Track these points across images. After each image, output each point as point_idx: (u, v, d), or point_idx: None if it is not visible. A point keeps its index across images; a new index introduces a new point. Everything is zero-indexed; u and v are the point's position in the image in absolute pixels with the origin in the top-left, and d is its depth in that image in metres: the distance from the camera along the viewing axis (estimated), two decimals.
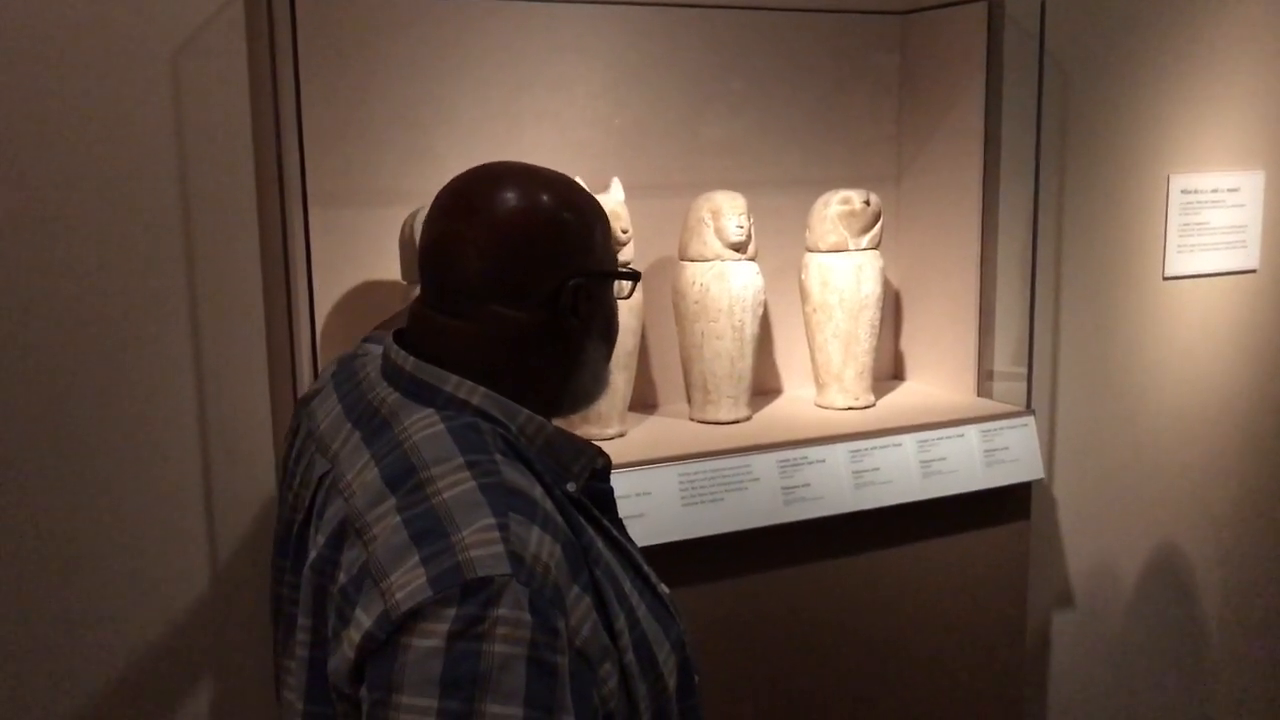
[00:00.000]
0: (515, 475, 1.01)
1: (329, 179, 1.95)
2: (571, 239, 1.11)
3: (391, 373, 1.11)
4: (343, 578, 0.98)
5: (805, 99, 2.40)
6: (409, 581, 0.91)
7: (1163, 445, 2.66)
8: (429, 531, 0.94)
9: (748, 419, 2.19)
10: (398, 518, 0.96)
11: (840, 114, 2.44)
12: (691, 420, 2.19)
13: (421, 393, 1.08)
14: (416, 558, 0.92)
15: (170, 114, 1.61)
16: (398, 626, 0.89)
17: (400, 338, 1.15)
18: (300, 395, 1.32)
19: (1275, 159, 2.71)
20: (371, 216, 2.00)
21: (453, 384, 1.07)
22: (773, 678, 2.01)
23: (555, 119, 2.15)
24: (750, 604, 1.97)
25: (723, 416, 2.16)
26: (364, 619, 0.92)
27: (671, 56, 2.25)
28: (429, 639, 0.88)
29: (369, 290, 2.03)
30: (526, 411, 1.08)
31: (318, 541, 1.05)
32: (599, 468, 1.13)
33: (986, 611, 2.22)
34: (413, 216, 1.86)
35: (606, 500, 1.16)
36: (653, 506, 1.83)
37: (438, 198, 1.15)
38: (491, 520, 0.94)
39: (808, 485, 1.97)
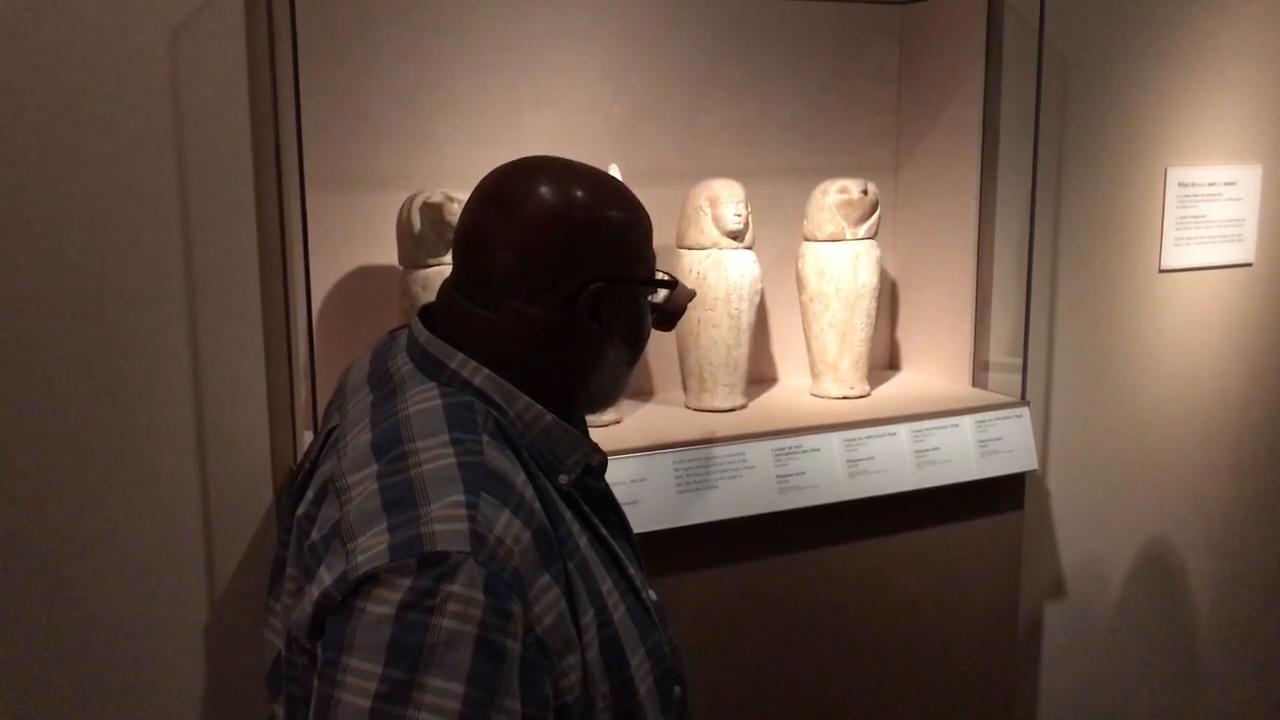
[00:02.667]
0: (498, 457, 1.02)
1: (327, 163, 1.95)
2: (599, 241, 1.10)
3: (410, 345, 1.14)
4: (315, 534, 1.01)
5: (804, 88, 2.39)
6: (372, 546, 0.93)
7: (1156, 437, 2.67)
8: (400, 501, 0.96)
9: (743, 407, 2.19)
10: (375, 484, 0.98)
11: (839, 103, 2.44)
12: (687, 408, 2.19)
13: (429, 366, 1.10)
14: (384, 524, 0.94)
15: (168, 96, 1.60)
16: (353, 589, 0.91)
17: (426, 311, 1.17)
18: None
19: (1272, 153, 2.71)
20: (369, 201, 2.00)
21: (458, 361, 1.09)
22: (765, 665, 2.02)
23: (554, 105, 2.15)
24: (744, 591, 1.98)
25: (718, 405, 2.16)
26: (325, 577, 0.94)
27: (671, 44, 2.24)
28: (381, 606, 0.90)
29: (366, 275, 2.03)
30: (526, 399, 1.09)
31: (307, 496, 1.08)
32: (593, 465, 1.14)
33: (979, 601, 2.22)
34: (410, 201, 1.86)
35: (599, 498, 1.16)
36: (648, 493, 1.84)
37: (479, 185, 1.16)
38: (462, 498, 0.95)
39: (802, 474, 1.97)
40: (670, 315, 1.22)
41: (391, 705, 0.87)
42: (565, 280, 1.09)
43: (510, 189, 1.11)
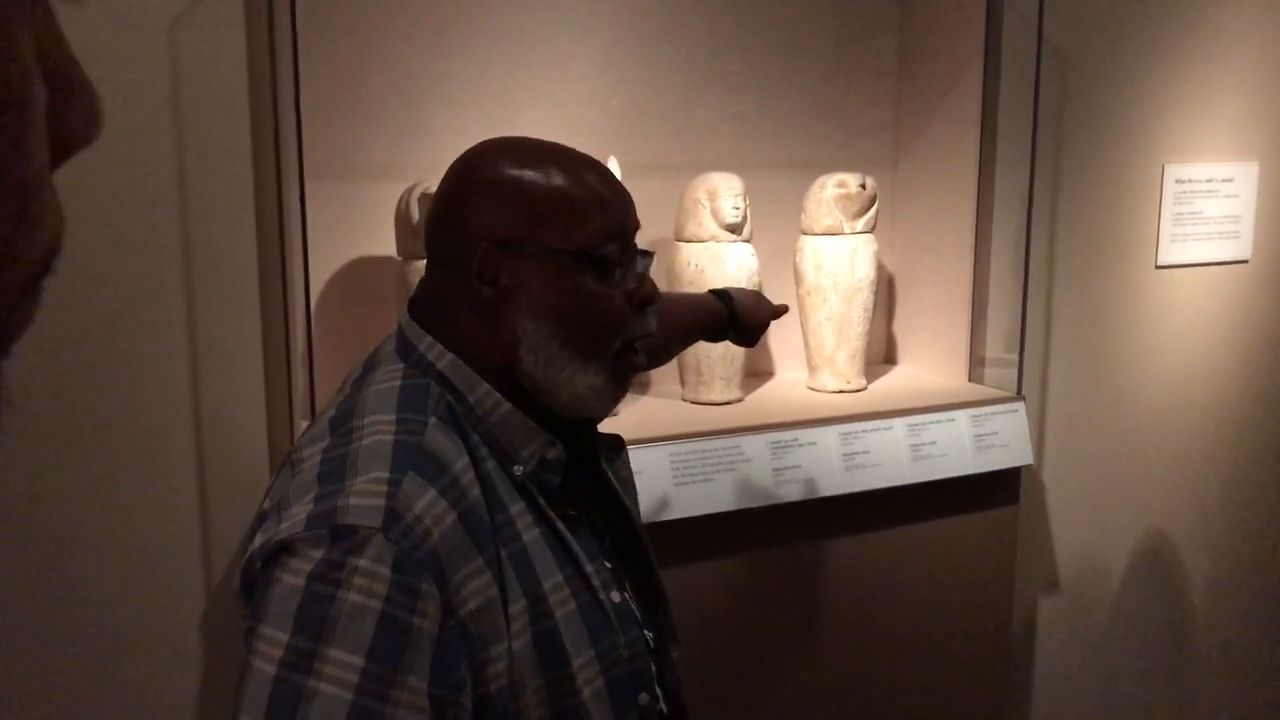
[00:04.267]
0: (440, 439, 1.02)
1: (326, 153, 1.94)
2: (500, 201, 1.06)
3: (398, 326, 1.16)
4: (266, 504, 1.04)
5: (803, 81, 2.39)
6: (296, 515, 0.95)
7: (1152, 433, 2.67)
8: (331, 474, 0.98)
9: (740, 400, 2.19)
10: (320, 456, 1.01)
11: (838, 97, 2.44)
12: (684, 401, 2.20)
13: (403, 348, 1.12)
14: (313, 495, 0.96)
15: (167, 86, 1.60)
16: (270, 556, 0.93)
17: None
18: None
19: (1269, 150, 2.72)
20: (368, 192, 2.00)
21: (425, 344, 1.10)
22: (760, 658, 2.03)
23: (552, 97, 2.15)
24: (739, 584, 1.98)
25: (715, 397, 2.16)
26: (256, 541, 0.97)
27: (670, 37, 2.24)
28: (293, 575, 0.91)
29: (365, 265, 2.03)
30: (487, 386, 1.08)
31: (284, 470, 1.10)
32: (549, 459, 1.10)
33: (974, 595, 2.23)
34: (409, 192, 1.86)
35: (553, 492, 1.11)
36: (644, 485, 1.84)
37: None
38: (385, 474, 0.96)
39: (798, 467, 1.97)
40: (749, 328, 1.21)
41: (294, 673, 0.88)
42: (457, 239, 1.08)
43: (457, 160, 1.14)
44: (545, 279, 1.07)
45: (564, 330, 1.08)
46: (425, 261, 1.16)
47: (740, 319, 1.64)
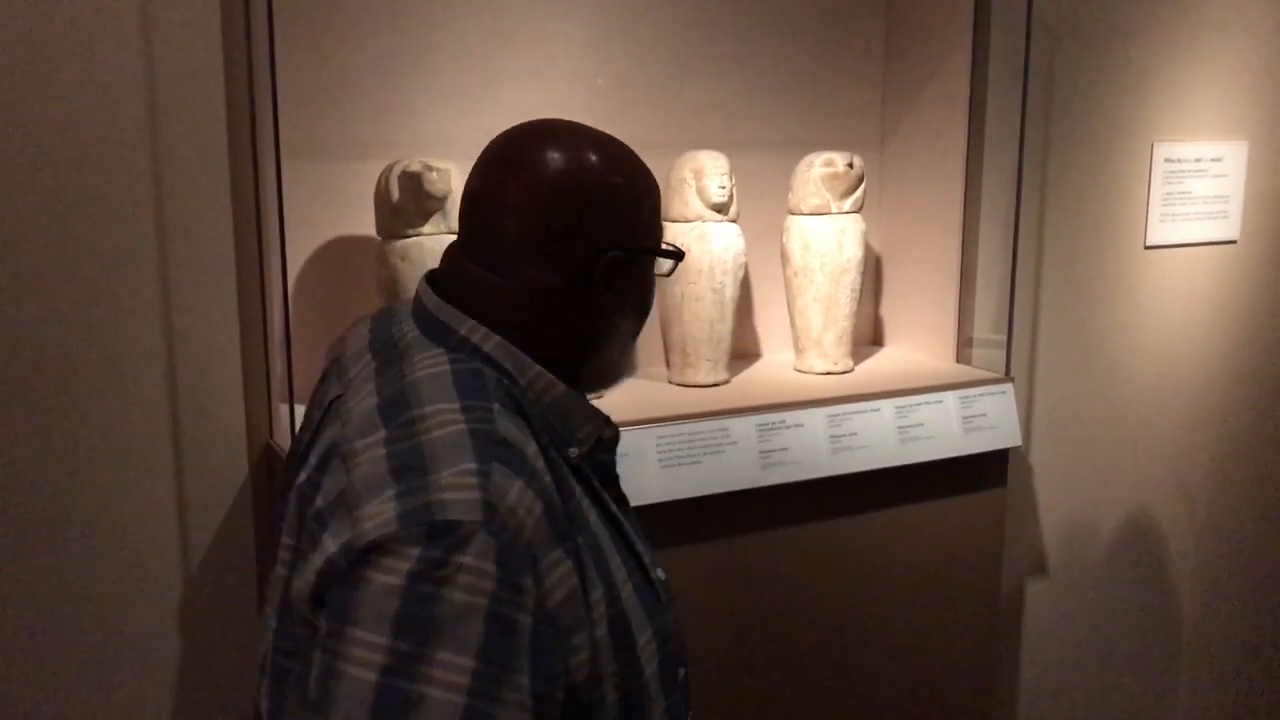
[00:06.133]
0: (509, 427, 0.99)
1: (303, 130, 1.91)
2: (615, 209, 1.09)
3: (418, 309, 1.11)
4: (320, 501, 0.97)
5: (790, 60, 2.37)
6: (379, 513, 0.90)
7: (1140, 414, 2.67)
8: (409, 468, 0.93)
9: (726, 382, 2.18)
10: (383, 449, 0.95)
11: (825, 76, 2.42)
12: (670, 383, 2.18)
13: (437, 332, 1.07)
14: (392, 491, 0.91)
15: (140, 62, 1.57)
16: (359, 557, 0.89)
17: (432, 277, 1.15)
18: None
19: (1258, 129, 2.71)
20: (347, 170, 1.96)
21: (468, 327, 1.06)
22: (748, 641, 2.01)
23: (536, 74, 2.11)
24: (726, 567, 1.97)
25: (701, 380, 2.14)
26: (330, 544, 0.91)
27: (655, 15, 2.21)
28: (389, 575, 0.87)
29: (343, 245, 2.00)
30: (539, 368, 1.07)
31: (310, 463, 1.04)
32: (605, 438, 1.12)
33: (962, 577, 2.22)
34: (388, 170, 1.83)
35: (609, 472, 1.14)
36: (630, 469, 1.81)
37: (488, 147, 1.13)
38: (473, 466, 0.92)
39: (785, 449, 1.96)
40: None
41: (398, 679, 0.85)
42: (580, 247, 1.07)
43: (524, 152, 1.09)
44: (644, 279, 1.15)
45: (640, 321, 1.18)
46: (456, 242, 1.13)
47: None
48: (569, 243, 1.07)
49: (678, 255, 1.17)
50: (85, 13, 1.53)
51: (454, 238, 1.17)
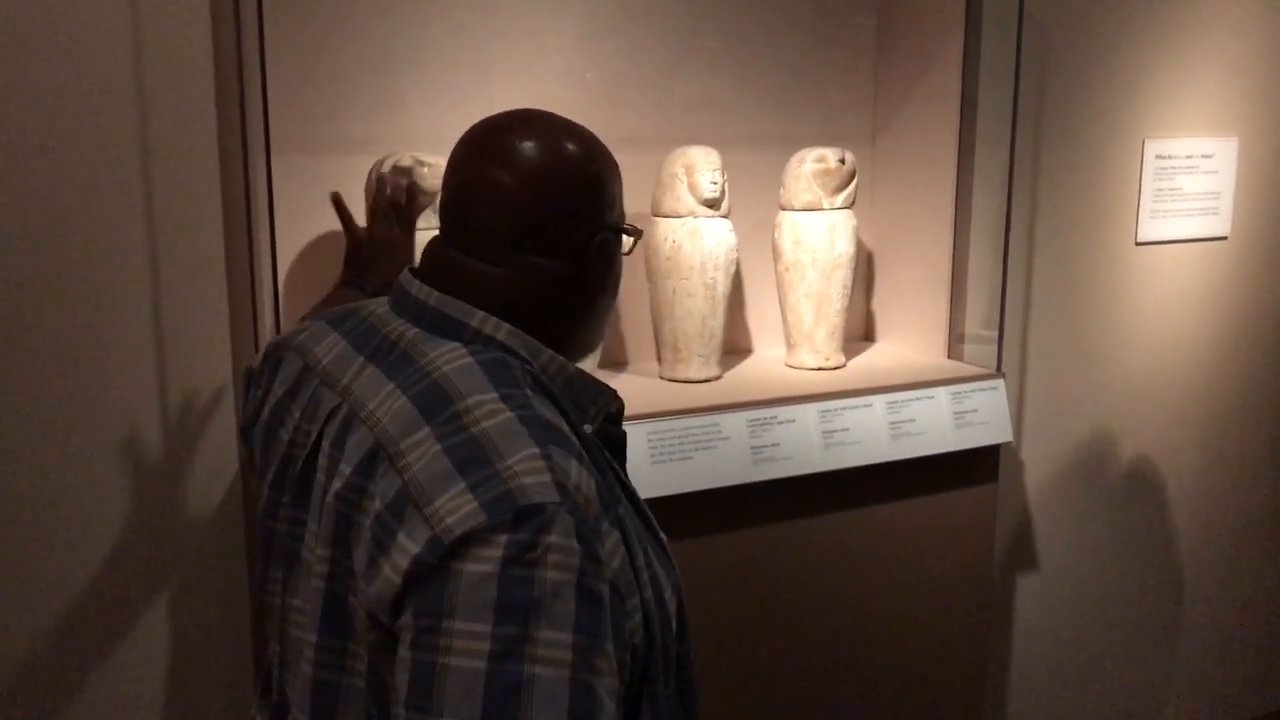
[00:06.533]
0: (547, 410, 1.02)
1: (293, 125, 1.90)
2: (598, 193, 1.13)
3: (412, 308, 1.11)
4: (378, 505, 0.97)
5: (782, 56, 2.36)
6: (458, 507, 0.91)
7: (1130, 410, 2.68)
8: (473, 459, 0.94)
9: (718, 378, 2.18)
10: (437, 445, 0.96)
11: (817, 72, 2.41)
12: (661, 378, 2.18)
13: (445, 327, 1.08)
14: (463, 484, 0.93)
15: (130, 55, 1.56)
16: (450, 552, 0.90)
17: (418, 273, 1.15)
18: (270, 342, 1.29)
19: (1249, 126, 2.71)
20: (337, 164, 1.96)
21: (478, 319, 1.08)
22: (738, 636, 2.01)
23: (526, 69, 2.11)
24: (718, 563, 1.97)
25: (693, 375, 2.14)
26: (410, 545, 0.92)
27: (647, 10, 2.21)
28: (482, 564, 0.89)
29: (332, 239, 2.00)
30: (549, 351, 1.09)
31: (343, 472, 1.03)
32: (613, 411, 1.15)
33: (953, 572, 2.23)
34: (378, 165, 1.82)
35: (618, 444, 1.18)
36: None
37: (468, 139, 1.15)
38: (535, 450, 0.95)
39: (777, 445, 1.96)
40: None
41: (507, 663, 0.86)
42: (577, 231, 1.12)
43: (508, 144, 1.11)
44: (617, 257, 1.19)
45: (615, 296, 1.22)
46: (441, 235, 1.14)
47: None
48: (562, 228, 1.11)
49: (638, 233, 1.22)
50: (75, 8, 1.52)
51: None
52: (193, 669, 1.73)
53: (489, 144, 1.12)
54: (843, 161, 2.17)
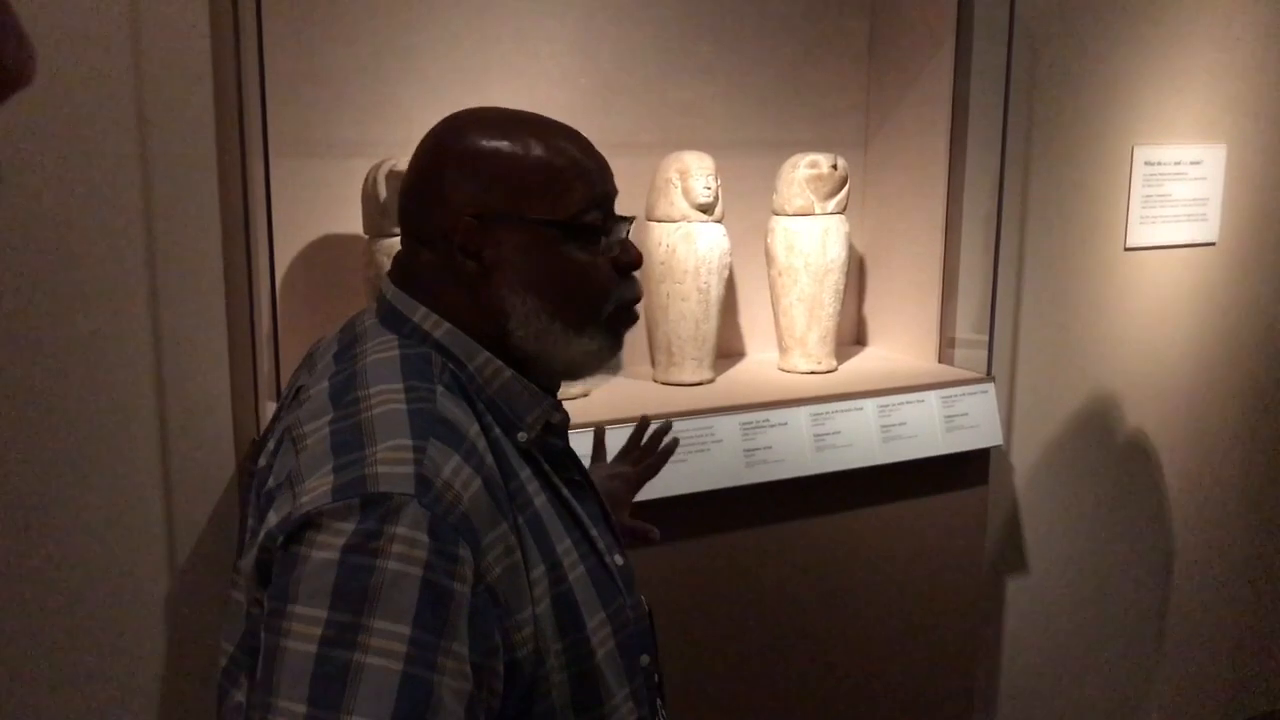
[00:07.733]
0: (451, 407, 1.01)
1: (291, 129, 1.91)
2: (477, 174, 1.06)
3: (379, 299, 1.13)
4: (271, 482, 0.99)
5: (775, 62, 2.38)
6: (316, 488, 0.91)
7: (1119, 414, 2.69)
8: (347, 444, 0.95)
9: (711, 381, 2.19)
10: (327, 429, 0.97)
11: (809, 78, 2.43)
12: (655, 381, 2.19)
13: (393, 319, 1.09)
14: (330, 466, 0.93)
15: (129, 59, 1.57)
16: (294, 532, 0.90)
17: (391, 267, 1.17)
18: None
19: (1237, 133, 2.73)
20: (334, 168, 1.97)
21: (420, 315, 1.07)
22: (731, 638, 2.03)
23: (522, 74, 2.12)
24: (710, 565, 1.98)
25: (686, 378, 2.16)
26: (272, 519, 0.93)
27: (641, 16, 2.22)
28: (324, 550, 0.88)
29: (330, 243, 2.01)
30: (486, 354, 1.07)
31: (268, 448, 1.06)
32: (554, 422, 1.12)
33: (944, 575, 2.24)
34: (376, 169, 1.83)
35: (559, 457, 1.13)
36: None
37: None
38: (408, 441, 0.94)
39: (769, 448, 1.97)
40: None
41: (337, 649, 0.85)
42: (436, 213, 1.06)
43: (430, 131, 1.12)
44: (530, 252, 1.07)
45: (554, 303, 1.08)
46: (400, 236, 1.14)
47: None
48: (428, 209, 1.07)
49: (570, 226, 1.08)
50: (73, 10, 1.53)
51: None
52: (191, 669, 1.73)
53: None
54: (835, 167, 2.18)
